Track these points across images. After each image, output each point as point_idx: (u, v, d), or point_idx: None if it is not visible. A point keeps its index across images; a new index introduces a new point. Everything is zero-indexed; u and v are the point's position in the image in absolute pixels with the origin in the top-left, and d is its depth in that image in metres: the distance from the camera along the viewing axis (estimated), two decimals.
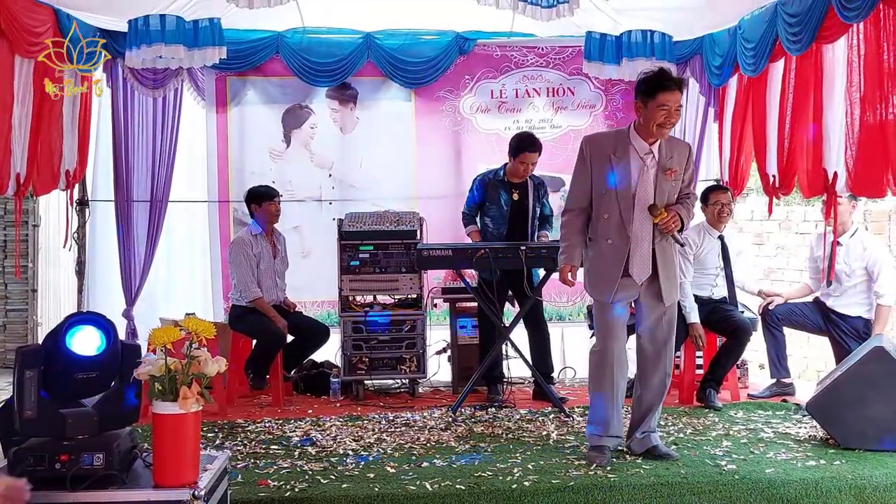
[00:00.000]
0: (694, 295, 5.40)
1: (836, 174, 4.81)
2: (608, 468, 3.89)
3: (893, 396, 4.13)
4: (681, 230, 4.03)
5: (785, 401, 5.42)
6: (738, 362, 5.86)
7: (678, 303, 4.21)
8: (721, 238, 5.50)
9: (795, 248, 8.17)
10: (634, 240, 3.94)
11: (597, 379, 4.09)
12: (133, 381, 3.07)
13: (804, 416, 4.82)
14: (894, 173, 4.31)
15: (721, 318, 5.40)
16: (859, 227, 5.37)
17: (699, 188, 6.71)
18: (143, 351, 3.23)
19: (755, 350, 8.05)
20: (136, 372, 3.05)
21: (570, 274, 4.09)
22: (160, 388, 3.01)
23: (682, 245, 4.15)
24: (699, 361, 5.61)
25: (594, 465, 3.92)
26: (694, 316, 5.29)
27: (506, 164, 5.59)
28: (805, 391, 5.50)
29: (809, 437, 4.47)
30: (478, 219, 5.73)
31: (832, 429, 4.25)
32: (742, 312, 5.58)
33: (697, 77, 6.47)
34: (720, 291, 5.48)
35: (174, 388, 3.00)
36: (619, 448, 4.15)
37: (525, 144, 5.42)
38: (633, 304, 4.16)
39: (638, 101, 3.95)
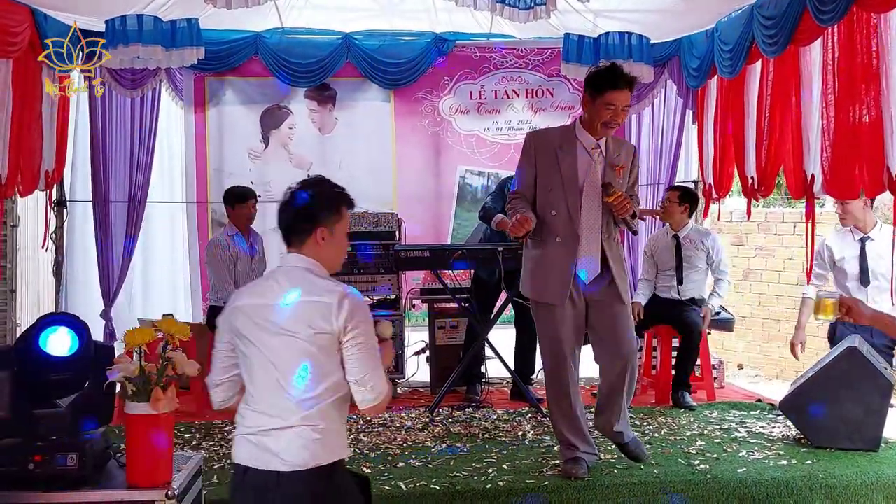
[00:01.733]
0: (657, 296, 5.47)
1: (813, 176, 4.86)
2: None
3: (865, 396, 4.18)
4: (633, 217, 3.87)
5: (759, 400, 5.47)
6: (715, 363, 5.93)
7: None
8: (676, 237, 5.54)
9: (774, 248, 8.26)
10: (584, 236, 3.76)
11: (553, 393, 3.89)
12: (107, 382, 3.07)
13: (778, 415, 4.88)
14: (868, 174, 4.36)
15: (674, 316, 5.45)
16: (882, 224, 5.00)
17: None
18: (120, 351, 3.22)
19: (732, 351, 8.16)
20: (110, 372, 3.04)
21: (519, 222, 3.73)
22: (133, 389, 3.01)
23: (634, 233, 4.03)
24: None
25: (571, 476, 3.76)
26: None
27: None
28: (779, 390, 5.56)
29: (783, 436, 4.52)
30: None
31: (804, 428, 4.30)
32: (718, 313, 5.63)
33: (675, 79, 6.52)
34: (688, 292, 5.50)
35: (147, 389, 3.00)
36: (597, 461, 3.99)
37: None
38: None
39: (586, 94, 3.79)
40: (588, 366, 4.19)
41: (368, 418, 5.05)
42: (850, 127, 4.44)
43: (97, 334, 6.21)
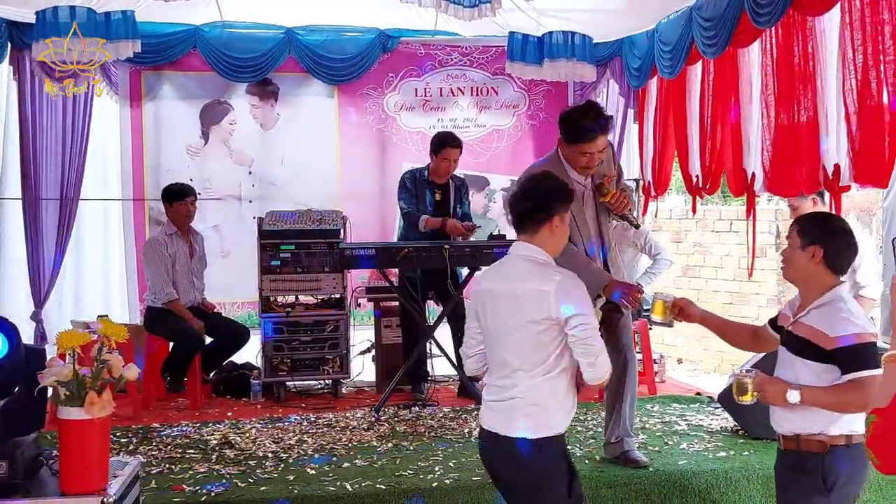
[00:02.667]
0: None
1: (753, 174, 4.96)
2: None
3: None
4: (631, 211, 3.99)
5: (699, 394, 5.58)
6: (656, 357, 6.02)
7: None
8: None
9: (711, 245, 8.45)
10: (596, 254, 3.84)
11: None
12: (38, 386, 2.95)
13: (716, 408, 4.97)
14: (807, 173, 4.46)
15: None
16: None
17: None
18: (53, 354, 3.10)
19: (672, 345, 8.31)
20: (41, 377, 2.93)
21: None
22: (67, 393, 2.91)
23: (637, 227, 4.10)
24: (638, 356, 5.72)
25: None
26: None
27: (429, 165, 5.59)
28: (717, 383, 5.67)
29: (721, 428, 4.61)
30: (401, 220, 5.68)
31: (741, 420, 4.40)
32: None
33: (617, 78, 6.60)
34: None
35: (81, 393, 2.90)
36: None
37: (447, 140, 5.44)
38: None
39: (560, 138, 3.79)
40: None
41: (312, 418, 4.99)
42: (788, 126, 4.55)
43: (27, 337, 6.00)
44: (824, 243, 2.63)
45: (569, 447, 4.09)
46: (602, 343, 2.70)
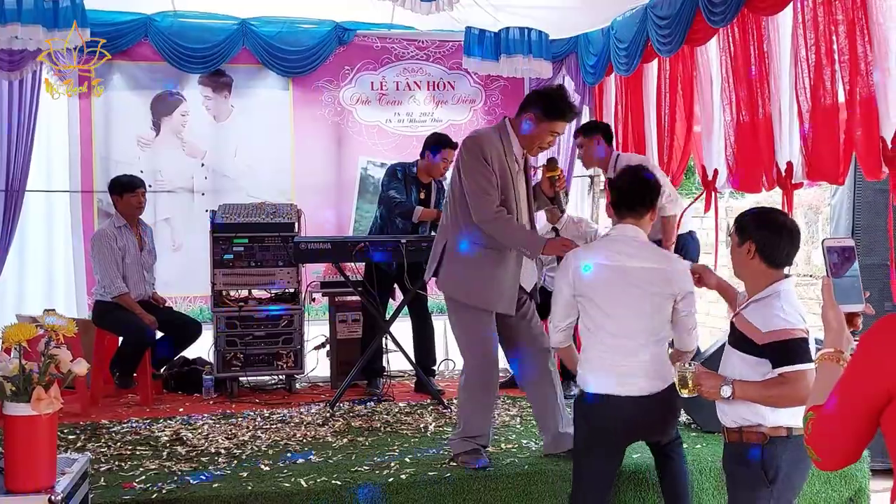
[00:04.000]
0: (545, 289, 5.53)
1: (716, 171, 5.03)
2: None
3: None
4: (566, 194, 4.10)
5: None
6: None
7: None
8: (556, 230, 5.59)
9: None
10: None
11: (481, 390, 3.87)
12: None
13: None
14: (767, 171, 4.54)
15: None
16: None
17: (574, 183, 6.93)
18: None
19: None
20: None
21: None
22: (13, 388, 2.82)
23: (562, 211, 4.15)
24: None
25: (471, 467, 3.76)
26: None
27: (417, 161, 5.51)
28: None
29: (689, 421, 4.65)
30: (381, 210, 5.55)
31: (694, 413, 4.45)
32: None
33: (573, 75, 6.65)
34: None
35: (28, 388, 2.82)
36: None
37: (448, 141, 5.33)
38: None
39: (531, 113, 3.75)
40: None
41: (266, 414, 4.93)
42: (747, 126, 4.62)
43: None
44: (757, 238, 2.66)
45: (525, 440, 4.15)
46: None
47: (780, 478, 2.62)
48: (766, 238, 2.65)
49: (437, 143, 5.39)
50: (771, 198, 6.97)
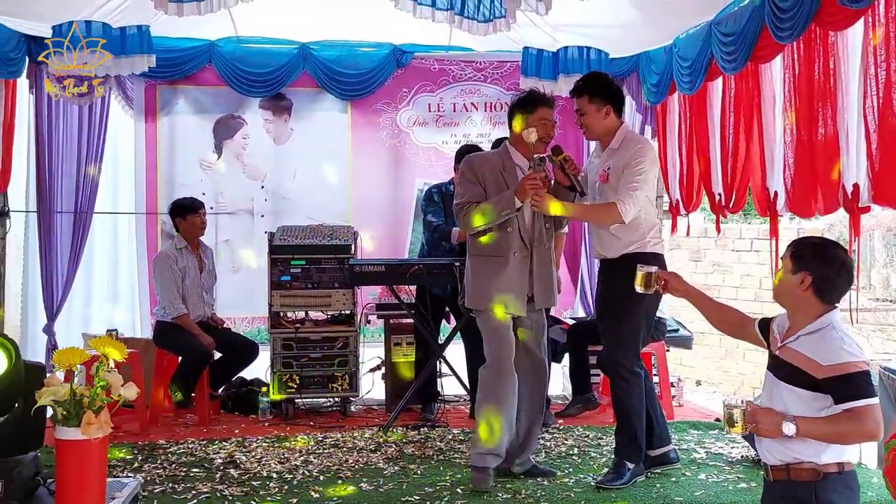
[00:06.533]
0: None
1: (776, 193, 4.84)
2: (492, 490, 3.85)
3: None
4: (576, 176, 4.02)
5: (719, 420, 5.42)
6: (674, 380, 5.89)
7: None
8: None
9: (731, 265, 8.31)
10: (535, 251, 3.98)
11: (494, 393, 3.93)
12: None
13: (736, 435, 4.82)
14: (825, 193, 4.34)
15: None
16: None
17: None
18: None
19: (691, 367, 8.16)
20: (39, 395, 2.88)
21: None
22: (64, 413, 2.85)
23: (583, 194, 3.99)
24: (655, 379, 5.60)
25: (477, 488, 3.84)
26: None
27: (452, 179, 5.47)
28: None
29: (742, 457, 4.46)
30: (426, 235, 5.56)
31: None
32: (676, 330, 5.61)
33: (634, 95, 6.50)
34: None
35: (79, 413, 2.84)
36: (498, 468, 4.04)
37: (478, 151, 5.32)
38: None
39: (516, 118, 4.00)
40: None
41: (319, 437, 4.90)
42: (808, 145, 4.43)
43: (39, 349, 5.98)
44: (815, 272, 2.52)
45: (582, 475, 4.05)
46: None
47: None
48: (825, 275, 2.52)
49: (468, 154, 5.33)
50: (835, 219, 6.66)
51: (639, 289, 3.09)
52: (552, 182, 3.97)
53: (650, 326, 4.18)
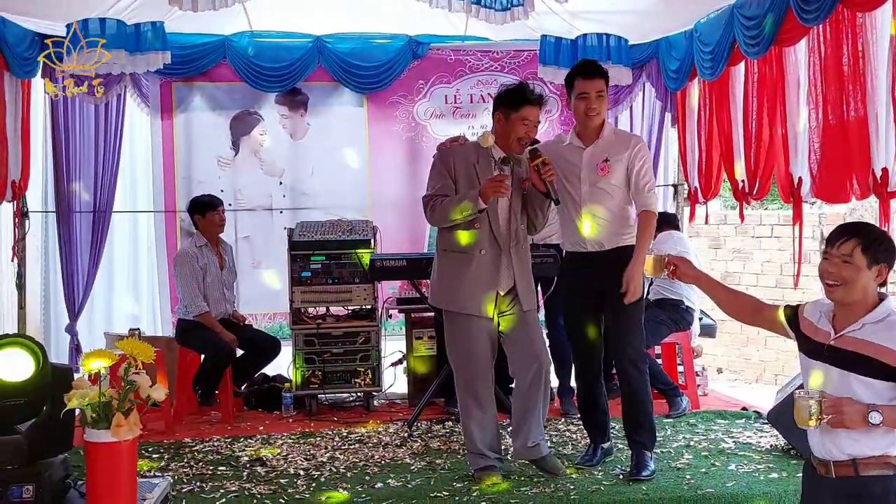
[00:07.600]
0: None
1: (800, 179, 4.77)
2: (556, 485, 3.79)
3: None
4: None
5: (745, 408, 5.36)
6: (698, 370, 5.82)
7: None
8: None
9: (752, 251, 8.21)
10: (504, 247, 3.87)
11: (472, 403, 3.89)
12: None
13: (764, 423, 4.77)
14: (858, 178, 4.26)
15: None
16: None
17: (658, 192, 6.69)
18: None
19: (712, 355, 8.08)
20: (67, 398, 2.87)
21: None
22: (93, 415, 2.84)
23: (556, 202, 3.85)
24: (680, 369, 5.56)
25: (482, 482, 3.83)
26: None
27: None
28: (761, 395, 5.45)
29: (771, 447, 4.40)
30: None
31: (794, 440, 4.18)
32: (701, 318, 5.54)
33: (654, 81, 6.43)
34: None
35: (108, 415, 2.83)
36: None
37: None
38: None
39: (499, 112, 3.87)
40: None
41: (344, 433, 4.88)
42: (836, 129, 4.35)
43: (63, 349, 5.99)
44: (891, 263, 2.46)
45: (610, 467, 4.00)
46: None
47: None
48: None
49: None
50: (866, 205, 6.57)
51: (648, 273, 3.06)
52: (530, 184, 3.85)
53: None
